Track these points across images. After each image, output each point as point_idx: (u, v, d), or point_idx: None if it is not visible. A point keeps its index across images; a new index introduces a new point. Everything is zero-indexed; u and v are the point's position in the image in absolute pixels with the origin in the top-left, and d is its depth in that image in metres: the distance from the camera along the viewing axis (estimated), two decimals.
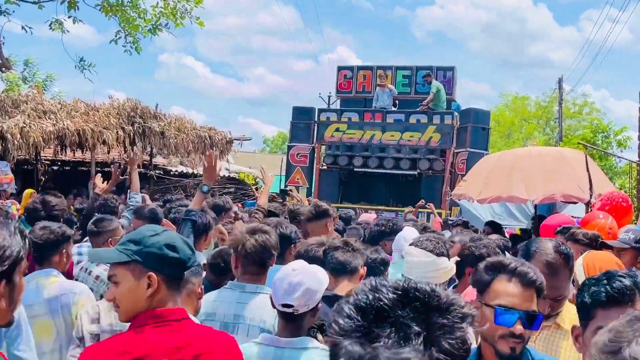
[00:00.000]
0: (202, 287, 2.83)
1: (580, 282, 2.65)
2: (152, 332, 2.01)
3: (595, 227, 5.11)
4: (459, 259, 3.64)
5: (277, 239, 3.24)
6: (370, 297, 1.05)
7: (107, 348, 2.04)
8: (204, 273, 3.53)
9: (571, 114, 40.73)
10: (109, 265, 2.24)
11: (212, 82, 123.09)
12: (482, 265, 2.23)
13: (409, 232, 4.73)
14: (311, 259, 3.14)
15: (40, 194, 10.30)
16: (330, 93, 38.07)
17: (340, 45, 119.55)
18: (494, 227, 8.33)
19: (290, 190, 13.99)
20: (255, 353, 2.48)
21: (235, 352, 2.26)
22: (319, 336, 2.63)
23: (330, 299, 2.75)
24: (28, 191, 11.27)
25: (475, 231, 8.39)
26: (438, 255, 3.34)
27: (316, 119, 15.15)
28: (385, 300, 1.04)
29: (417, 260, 2.89)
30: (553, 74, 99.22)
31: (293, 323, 2.55)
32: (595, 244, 4.27)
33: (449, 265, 2.87)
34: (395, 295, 1.05)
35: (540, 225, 6.04)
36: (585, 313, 1.99)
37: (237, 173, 20.44)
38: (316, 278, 2.55)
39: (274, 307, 2.57)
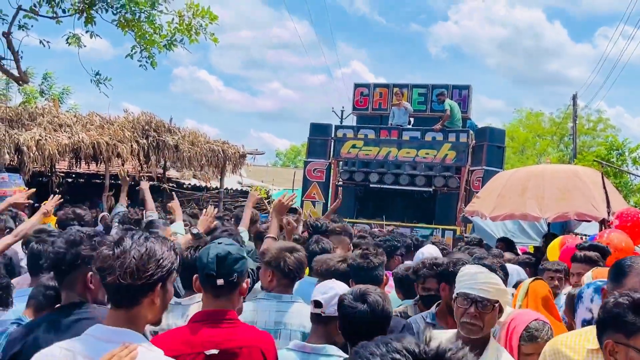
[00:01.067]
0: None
1: None
2: (205, 327, 2.53)
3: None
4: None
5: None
6: None
7: (172, 337, 2.53)
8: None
9: (585, 131, 40.53)
10: None
11: (225, 96, 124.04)
12: (627, 303, 2.17)
13: (429, 249, 4.80)
14: (336, 275, 3.51)
15: (69, 207, 10.38)
16: (343, 107, 38.24)
17: (353, 60, 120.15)
18: (507, 243, 8.29)
19: (299, 207, 14.39)
20: (286, 358, 2.77)
21: (273, 349, 2.67)
22: None
23: None
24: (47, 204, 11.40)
25: (488, 248, 8.35)
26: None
27: (333, 136, 15.36)
28: None
29: (467, 272, 2.96)
30: (567, 90, 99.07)
31: (322, 327, 2.88)
32: None
33: (500, 283, 2.92)
34: None
35: (563, 250, 5.99)
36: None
37: (249, 187, 20.50)
38: (347, 287, 2.95)
39: None
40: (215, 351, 2.46)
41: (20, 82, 11.63)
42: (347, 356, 2.69)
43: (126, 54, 11.12)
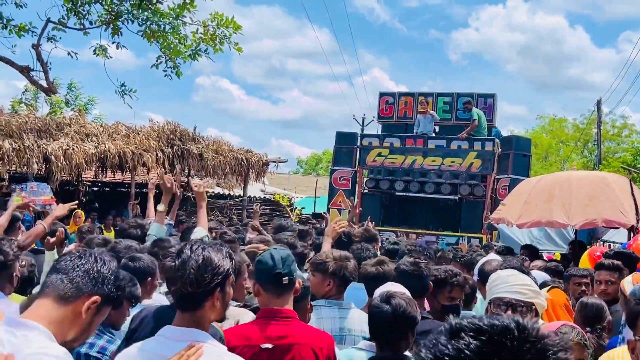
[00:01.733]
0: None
1: None
2: (266, 323, 2.77)
3: None
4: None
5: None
6: (450, 348, 0.94)
7: (236, 332, 2.82)
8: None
9: (610, 137, 40.06)
10: None
11: (247, 104, 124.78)
12: None
13: (492, 257, 4.93)
14: (368, 278, 3.87)
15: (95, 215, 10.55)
16: (364, 115, 38.28)
17: (374, 68, 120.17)
18: (532, 251, 8.23)
19: (325, 213, 14.41)
20: (354, 355, 3.03)
21: (327, 348, 2.83)
22: None
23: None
24: (77, 212, 11.59)
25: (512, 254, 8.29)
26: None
27: (359, 144, 15.46)
28: (469, 353, 0.93)
29: (499, 276, 2.97)
30: (590, 95, 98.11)
31: None
32: None
33: (534, 285, 2.93)
34: (478, 342, 0.93)
35: (595, 257, 5.94)
36: None
37: (272, 195, 20.60)
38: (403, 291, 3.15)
39: None
40: (269, 346, 2.71)
41: (49, 92, 11.84)
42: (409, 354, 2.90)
43: (150, 63, 11.36)
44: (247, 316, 3.28)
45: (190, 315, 2.21)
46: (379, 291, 3.17)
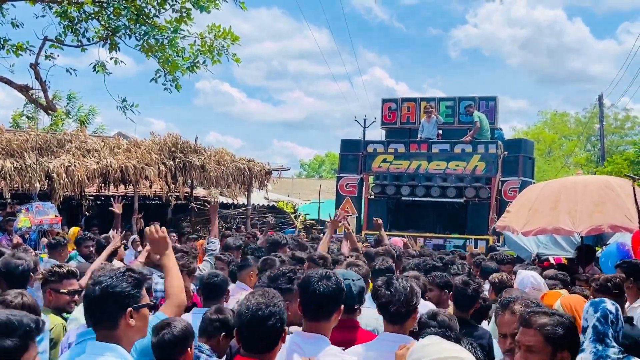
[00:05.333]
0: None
1: None
2: (335, 331, 3.10)
3: None
4: None
5: None
6: None
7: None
8: None
9: (613, 130, 39.94)
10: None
11: (248, 107, 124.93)
12: None
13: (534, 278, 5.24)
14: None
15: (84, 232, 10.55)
16: (365, 116, 38.24)
17: (374, 67, 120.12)
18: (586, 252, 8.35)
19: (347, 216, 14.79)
20: None
21: None
22: None
23: None
24: (74, 229, 11.55)
25: (520, 261, 8.23)
26: None
27: (364, 151, 15.68)
28: None
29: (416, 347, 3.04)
30: (592, 87, 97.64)
31: None
32: None
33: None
34: None
35: None
36: None
37: (275, 202, 20.54)
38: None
39: None
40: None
41: (49, 110, 11.80)
42: None
43: (149, 70, 11.40)
44: None
45: (399, 328, 3.16)
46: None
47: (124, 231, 13.63)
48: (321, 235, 13.61)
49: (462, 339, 2.85)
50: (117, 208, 8.19)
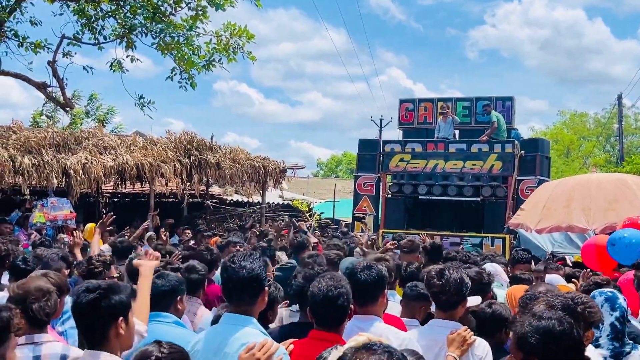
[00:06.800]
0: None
1: None
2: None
3: None
4: None
5: None
6: None
7: None
8: None
9: (633, 130, 39.49)
10: None
11: (265, 108, 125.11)
12: None
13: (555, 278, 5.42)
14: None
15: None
16: (382, 116, 38.22)
17: (391, 67, 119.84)
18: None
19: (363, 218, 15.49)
20: None
21: None
22: None
23: None
24: (90, 226, 11.66)
25: (536, 261, 8.17)
26: None
27: (381, 150, 15.87)
28: None
29: None
30: (612, 88, 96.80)
31: None
32: None
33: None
34: None
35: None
36: None
37: (290, 200, 20.57)
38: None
39: None
40: None
41: (66, 108, 11.93)
42: None
43: (167, 70, 11.35)
44: None
45: (449, 314, 3.45)
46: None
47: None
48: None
49: None
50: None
